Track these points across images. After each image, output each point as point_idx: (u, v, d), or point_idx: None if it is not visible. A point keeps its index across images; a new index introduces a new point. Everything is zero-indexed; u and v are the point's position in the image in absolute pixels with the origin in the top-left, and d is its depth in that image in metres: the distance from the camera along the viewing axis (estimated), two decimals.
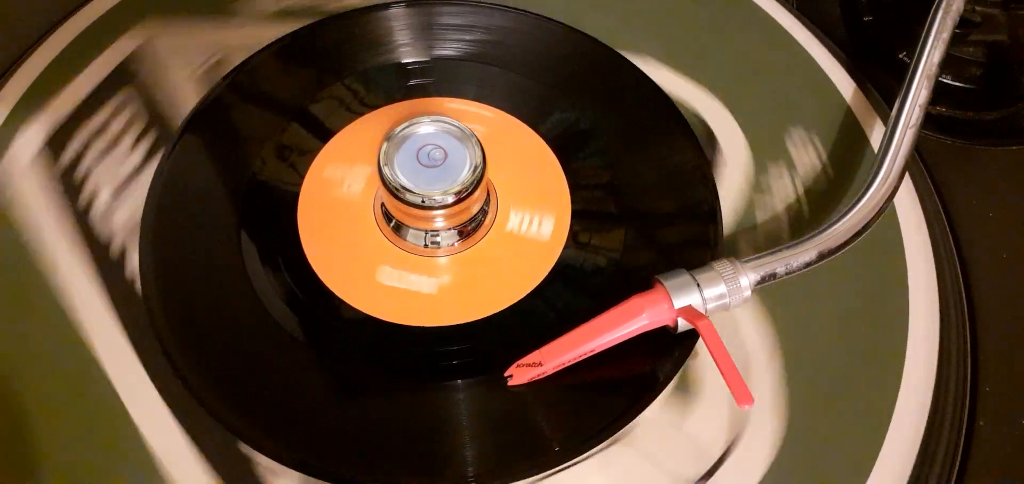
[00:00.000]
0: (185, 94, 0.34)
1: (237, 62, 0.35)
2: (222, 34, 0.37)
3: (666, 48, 0.37)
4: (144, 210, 0.30)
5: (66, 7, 0.38)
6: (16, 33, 0.37)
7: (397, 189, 0.28)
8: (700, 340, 0.27)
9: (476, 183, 0.28)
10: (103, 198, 0.30)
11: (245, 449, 0.25)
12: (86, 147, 0.32)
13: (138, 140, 0.32)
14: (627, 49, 0.37)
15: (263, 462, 0.25)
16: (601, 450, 0.25)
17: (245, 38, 0.36)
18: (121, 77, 0.35)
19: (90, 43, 0.36)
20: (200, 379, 0.26)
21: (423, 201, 0.28)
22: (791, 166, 0.33)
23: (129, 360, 0.27)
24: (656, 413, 0.26)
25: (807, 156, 0.33)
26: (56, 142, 0.32)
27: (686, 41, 0.38)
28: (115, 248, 0.29)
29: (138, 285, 0.28)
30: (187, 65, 0.35)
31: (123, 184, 0.31)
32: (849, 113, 0.35)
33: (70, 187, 0.31)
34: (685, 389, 0.27)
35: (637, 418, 0.26)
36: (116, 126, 0.33)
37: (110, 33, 0.36)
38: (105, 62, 0.35)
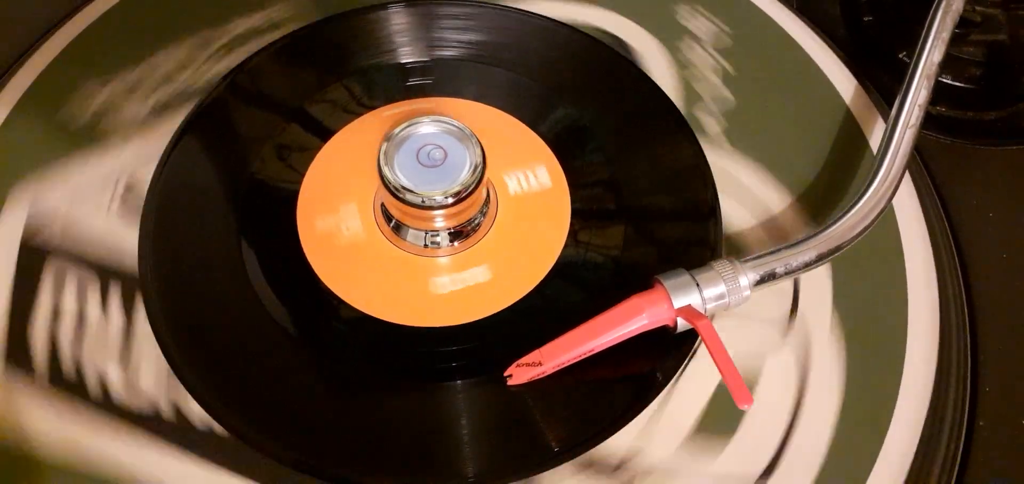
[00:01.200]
0: (119, 231, 0.30)
1: (148, 179, 0.31)
2: (112, 158, 0.32)
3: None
4: (144, 210, 0.30)
5: (66, 7, 0.38)
6: (16, 33, 0.37)
7: (397, 189, 0.28)
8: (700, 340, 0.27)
9: (476, 183, 0.28)
10: (114, 375, 0.26)
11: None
12: (53, 341, 0.27)
13: (104, 302, 0.28)
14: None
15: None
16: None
17: (137, 151, 0.32)
18: (33, 256, 0.29)
19: None
20: (200, 379, 0.26)
21: (423, 201, 0.28)
22: (694, 37, 0.37)
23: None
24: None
25: (702, 23, 0.38)
26: (15, 356, 0.27)
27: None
28: (166, 411, 0.26)
29: (216, 427, 0.25)
30: (98, 205, 0.31)
31: (123, 350, 0.27)
32: (849, 113, 0.35)
33: (68, 387, 0.26)
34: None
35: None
36: (70, 304, 0.28)
37: None
38: (4, 248, 0.29)
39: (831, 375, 0.28)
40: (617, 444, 0.26)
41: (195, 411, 0.26)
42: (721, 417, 0.27)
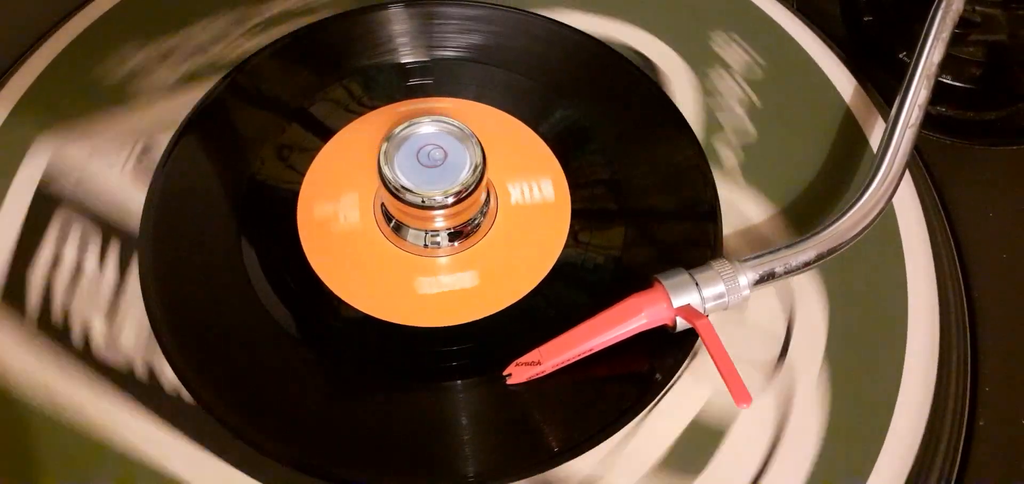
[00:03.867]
0: (127, 192, 0.31)
1: (165, 144, 0.32)
2: (133, 120, 0.33)
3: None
4: (144, 210, 0.30)
5: (66, 7, 0.38)
6: (16, 33, 0.37)
7: (397, 189, 0.28)
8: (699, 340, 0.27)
9: (476, 183, 0.28)
10: (98, 328, 0.27)
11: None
12: (48, 287, 0.28)
13: (103, 256, 0.29)
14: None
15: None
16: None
17: (160, 116, 0.33)
18: (46, 203, 0.31)
19: None
20: (200, 379, 0.26)
21: (423, 201, 0.28)
22: (726, 66, 0.36)
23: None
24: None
25: (735, 53, 0.37)
26: (12, 294, 0.28)
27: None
28: (140, 370, 0.27)
29: (185, 395, 0.26)
30: (113, 163, 0.32)
31: (112, 306, 0.28)
32: (849, 113, 0.35)
33: (54, 333, 0.27)
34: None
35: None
36: (70, 254, 0.29)
37: (7, 162, 0.32)
38: (19, 194, 0.31)
39: (830, 375, 0.28)
40: (577, 468, 0.25)
41: (168, 377, 0.26)
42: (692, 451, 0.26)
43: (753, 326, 0.29)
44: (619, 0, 0.39)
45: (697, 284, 0.27)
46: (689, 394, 0.27)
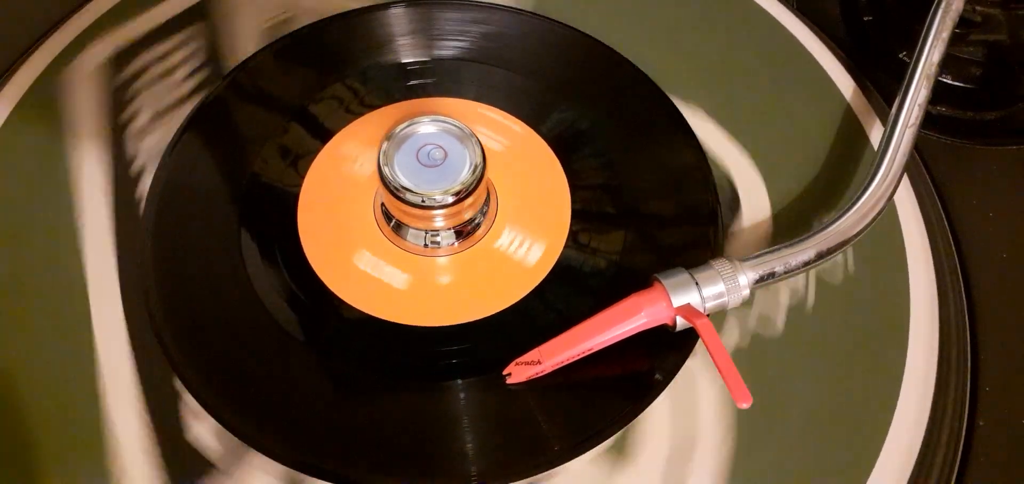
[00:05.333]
0: (246, 43, 0.36)
1: (306, 23, 0.37)
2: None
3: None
4: (144, 210, 0.30)
5: (66, 7, 0.38)
6: (16, 33, 0.37)
7: (397, 189, 0.28)
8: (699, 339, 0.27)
9: (476, 183, 0.28)
10: (142, 119, 0.33)
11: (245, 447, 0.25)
12: (144, 69, 0.34)
13: (191, 74, 0.34)
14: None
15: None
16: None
17: (318, 2, 0.37)
18: (195, 15, 0.37)
19: None
20: (200, 378, 0.26)
21: (423, 201, 0.28)
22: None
23: (126, 353, 0.27)
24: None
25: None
26: (122, 59, 0.35)
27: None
28: (135, 167, 0.31)
29: (142, 206, 0.30)
30: (257, 16, 0.37)
31: (164, 111, 0.33)
32: (849, 113, 0.35)
33: (119, 102, 0.33)
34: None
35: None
36: (177, 57, 0.35)
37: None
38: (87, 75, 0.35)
39: (831, 374, 0.28)
40: (576, 468, 0.25)
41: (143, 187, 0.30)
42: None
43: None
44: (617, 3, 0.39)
45: (697, 283, 0.27)
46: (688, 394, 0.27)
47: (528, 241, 0.30)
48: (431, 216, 0.29)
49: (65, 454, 0.25)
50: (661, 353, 0.27)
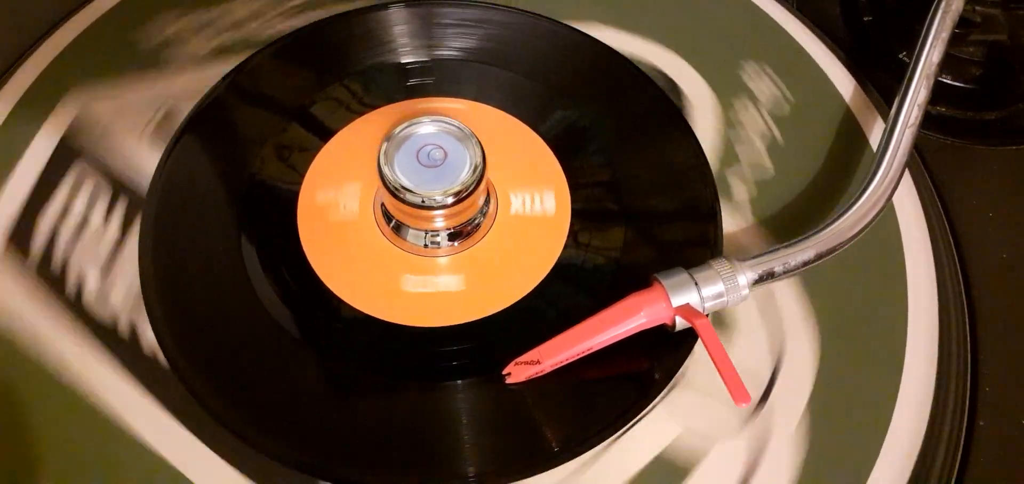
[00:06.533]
0: (141, 154, 0.32)
1: (186, 112, 0.33)
2: (161, 86, 0.35)
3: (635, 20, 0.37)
4: (144, 210, 0.31)
5: (66, 7, 0.38)
6: (16, 33, 0.37)
7: (397, 189, 0.28)
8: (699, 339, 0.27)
9: (476, 183, 0.28)
10: (92, 282, 0.28)
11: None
12: (54, 234, 0.30)
13: (109, 212, 0.30)
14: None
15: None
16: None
17: (187, 85, 0.34)
18: (66, 153, 0.32)
19: (26, 115, 0.33)
20: (200, 379, 0.26)
21: (423, 201, 0.28)
22: (753, 98, 0.35)
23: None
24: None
25: (764, 85, 0.36)
26: (19, 236, 0.30)
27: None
28: (123, 327, 0.27)
29: (161, 358, 0.27)
30: (135, 125, 0.33)
31: (109, 261, 0.29)
32: (849, 113, 0.35)
33: (50, 279, 0.28)
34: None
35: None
36: (79, 205, 0.30)
37: (39, 110, 0.33)
38: (44, 142, 0.32)
39: (831, 374, 0.28)
40: (576, 467, 0.25)
41: (148, 339, 0.27)
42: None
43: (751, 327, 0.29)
44: (622, 4, 0.39)
45: (696, 283, 0.27)
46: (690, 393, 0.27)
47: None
48: (431, 216, 0.29)
49: (65, 453, 0.25)
50: (660, 354, 0.27)
